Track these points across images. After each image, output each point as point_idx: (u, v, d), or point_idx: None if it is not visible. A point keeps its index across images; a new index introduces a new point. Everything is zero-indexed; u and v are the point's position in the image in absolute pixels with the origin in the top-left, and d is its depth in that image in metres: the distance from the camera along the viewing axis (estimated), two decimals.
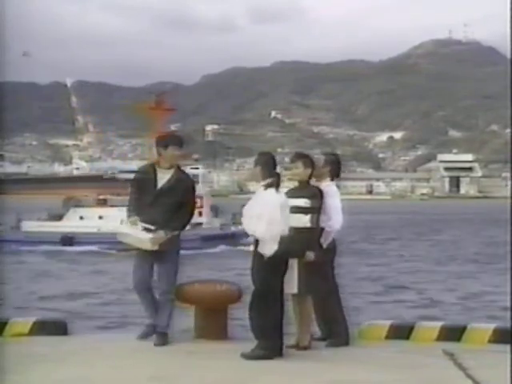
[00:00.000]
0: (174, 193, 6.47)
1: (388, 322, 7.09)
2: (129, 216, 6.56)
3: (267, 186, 6.09)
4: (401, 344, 6.62)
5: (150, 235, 6.30)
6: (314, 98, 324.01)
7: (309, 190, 6.45)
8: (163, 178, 6.49)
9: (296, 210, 6.21)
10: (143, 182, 6.61)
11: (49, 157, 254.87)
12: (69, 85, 56.81)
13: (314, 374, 5.55)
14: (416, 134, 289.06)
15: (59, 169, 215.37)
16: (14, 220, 36.24)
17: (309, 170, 6.52)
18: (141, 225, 6.36)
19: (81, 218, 40.34)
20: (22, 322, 7.02)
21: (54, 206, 43.09)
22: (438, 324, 6.97)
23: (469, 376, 5.47)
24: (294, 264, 6.20)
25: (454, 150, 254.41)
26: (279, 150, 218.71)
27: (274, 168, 6.21)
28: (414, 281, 24.87)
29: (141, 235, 6.33)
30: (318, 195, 6.45)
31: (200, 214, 36.13)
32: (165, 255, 6.44)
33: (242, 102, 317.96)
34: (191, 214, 6.74)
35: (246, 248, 31.66)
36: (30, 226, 38.89)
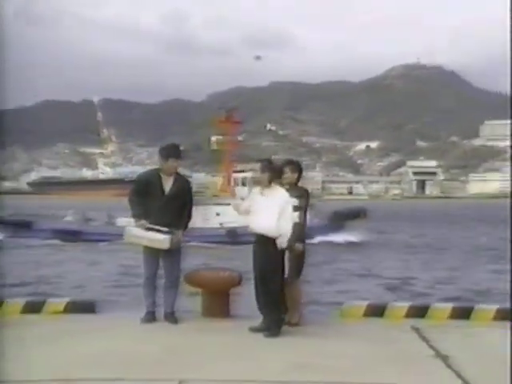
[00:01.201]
0: (179, 196, 6.41)
1: (365, 303, 7.09)
2: (136, 219, 6.39)
3: (275, 191, 6.03)
4: (376, 321, 6.65)
5: (167, 236, 6.21)
6: (303, 113, 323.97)
7: (297, 190, 6.39)
8: (167, 184, 6.38)
9: None
10: (149, 186, 6.41)
11: (79, 163, 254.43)
12: (95, 102, 56.63)
13: (303, 347, 5.58)
14: (389, 143, 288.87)
15: (87, 173, 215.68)
16: (105, 217, 35.08)
17: (295, 175, 6.49)
18: (150, 227, 6.25)
19: None
20: (57, 302, 6.97)
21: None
22: (407, 304, 6.97)
23: (431, 347, 5.52)
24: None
25: (421, 158, 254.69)
26: (273, 157, 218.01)
27: (279, 174, 6.17)
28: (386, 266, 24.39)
29: (158, 236, 6.22)
30: (305, 195, 6.44)
31: None
32: (172, 251, 6.35)
33: (244, 116, 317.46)
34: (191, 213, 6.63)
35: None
36: (123, 221, 37.68)
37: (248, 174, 37.87)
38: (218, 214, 32.34)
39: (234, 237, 29.39)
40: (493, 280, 20.86)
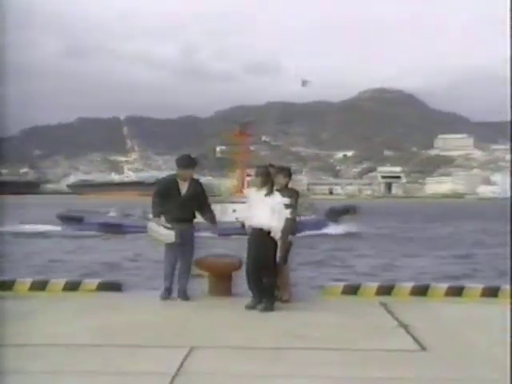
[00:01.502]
0: (194, 197, 6.45)
1: (342, 283, 7.14)
2: (155, 216, 6.46)
3: (269, 192, 5.92)
4: (351, 298, 6.65)
5: (172, 232, 6.27)
6: (292, 127, 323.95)
7: (288, 191, 6.32)
8: (183, 187, 6.42)
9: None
10: (169, 190, 6.46)
11: (108, 168, 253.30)
12: (122, 119, 56.47)
13: (291, 319, 5.58)
14: (362, 153, 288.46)
15: (115, 177, 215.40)
16: (140, 212, 34.77)
17: (287, 179, 6.47)
18: (163, 224, 6.34)
19: None
20: (91, 282, 6.96)
21: None
22: (376, 284, 6.98)
23: (395, 318, 5.52)
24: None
25: (388, 164, 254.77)
26: (272, 162, 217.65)
27: (270, 179, 6.03)
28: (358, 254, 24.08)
29: (164, 231, 6.31)
30: (294, 195, 6.37)
31: None
32: (186, 244, 6.40)
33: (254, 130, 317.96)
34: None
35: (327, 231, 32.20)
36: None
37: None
38: (234, 211, 32.30)
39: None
40: (447, 264, 20.92)
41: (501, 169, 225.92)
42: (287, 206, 6.13)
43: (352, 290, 6.84)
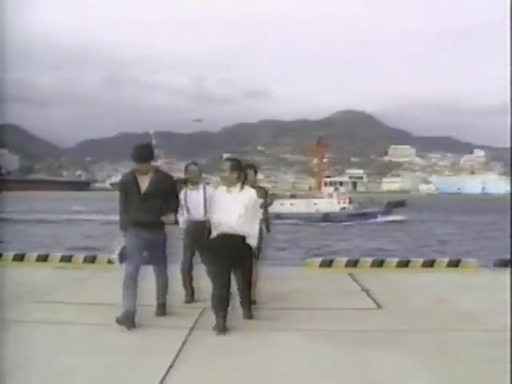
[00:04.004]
0: (157, 194, 3.92)
1: (320, 258, 7.05)
2: (121, 228, 3.97)
3: (242, 188, 3.91)
4: (326, 270, 6.59)
5: (116, 256, 3.86)
6: (281, 139, 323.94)
7: (259, 190, 4.47)
8: (143, 183, 3.96)
9: None
10: (127, 188, 3.98)
11: None
12: (151, 133, 56.47)
13: (278, 285, 5.44)
14: (334, 159, 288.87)
15: None
16: None
17: (255, 176, 4.76)
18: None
19: (281, 204, 35.52)
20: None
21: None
22: (345, 258, 6.92)
23: (359, 285, 5.49)
24: None
25: (354, 168, 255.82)
26: (262, 166, 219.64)
27: (245, 175, 4.02)
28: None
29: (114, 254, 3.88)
30: (264, 194, 4.71)
31: (344, 202, 36.02)
32: (156, 244, 4.00)
33: (243, 141, 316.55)
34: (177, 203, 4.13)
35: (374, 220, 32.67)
36: None
37: (338, 179, 41.62)
38: (315, 204, 34.63)
39: (327, 218, 32.31)
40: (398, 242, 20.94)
41: (436, 172, 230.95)
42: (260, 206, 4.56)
43: (327, 263, 6.75)
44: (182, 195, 4.49)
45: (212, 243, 3.84)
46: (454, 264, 6.60)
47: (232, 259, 3.79)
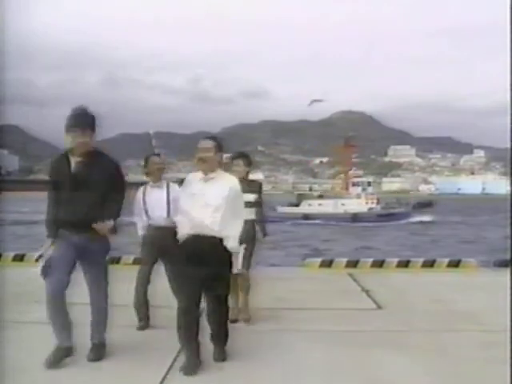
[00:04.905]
0: (91, 183, 2.80)
1: (320, 259, 7.02)
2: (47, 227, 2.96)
3: (221, 176, 3.04)
4: (326, 270, 6.56)
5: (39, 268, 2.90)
6: (281, 139, 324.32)
7: (249, 184, 3.78)
8: (78, 166, 2.85)
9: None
10: (58, 173, 2.87)
11: (140, 172, 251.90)
12: (151, 133, 57.18)
13: (278, 286, 5.41)
14: (335, 159, 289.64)
15: (147, 178, 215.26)
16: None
17: (248, 168, 3.87)
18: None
19: (309, 204, 36.41)
20: (129, 257, 6.55)
21: (291, 199, 39.74)
22: (345, 259, 6.89)
23: (359, 285, 5.48)
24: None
25: (354, 168, 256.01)
26: (262, 166, 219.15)
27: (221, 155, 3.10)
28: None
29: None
30: (258, 189, 3.92)
31: (372, 203, 36.00)
32: (91, 253, 2.90)
33: (244, 142, 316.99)
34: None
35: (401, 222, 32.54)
36: (283, 209, 35.67)
37: (361, 179, 40.47)
38: (343, 204, 34.74)
39: (355, 219, 32.58)
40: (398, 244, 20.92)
41: (436, 172, 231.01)
42: (252, 204, 3.74)
43: (327, 263, 6.73)
44: (140, 194, 3.69)
45: (178, 249, 2.85)
46: (454, 264, 6.60)
47: (203, 270, 2.76)
